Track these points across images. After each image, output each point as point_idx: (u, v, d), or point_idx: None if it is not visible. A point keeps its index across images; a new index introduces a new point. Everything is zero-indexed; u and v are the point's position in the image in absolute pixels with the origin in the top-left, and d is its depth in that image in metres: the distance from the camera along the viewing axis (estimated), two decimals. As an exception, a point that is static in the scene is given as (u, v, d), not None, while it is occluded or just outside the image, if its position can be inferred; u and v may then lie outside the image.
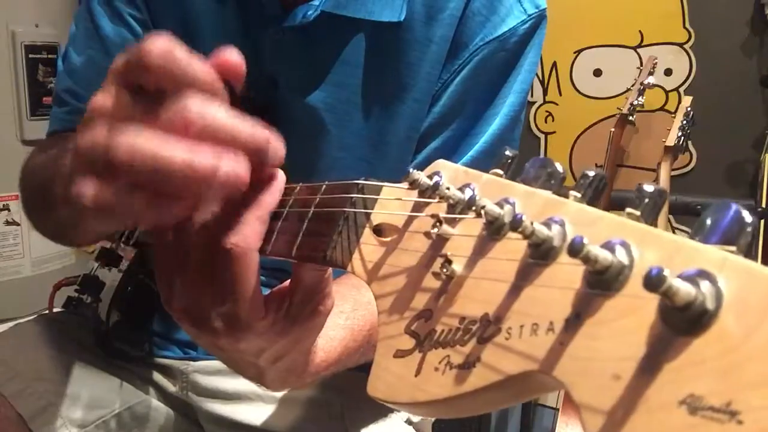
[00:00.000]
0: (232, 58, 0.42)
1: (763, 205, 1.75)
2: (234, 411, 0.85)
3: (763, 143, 1.81)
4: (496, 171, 0.34)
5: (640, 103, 1.86)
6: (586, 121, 2.06)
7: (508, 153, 0.35)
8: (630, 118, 1.87)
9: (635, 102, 1.85)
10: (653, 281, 0.23)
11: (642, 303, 0.25)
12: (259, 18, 0.78)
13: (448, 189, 0.33)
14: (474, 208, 0.31)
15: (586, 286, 0.27)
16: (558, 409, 1.69)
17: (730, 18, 1.89)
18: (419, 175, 0.35)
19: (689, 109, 1.77)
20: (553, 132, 2.11)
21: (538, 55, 0.79)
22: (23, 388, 0.79)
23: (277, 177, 0.45)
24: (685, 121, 1.76)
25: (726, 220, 0.25)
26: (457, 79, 0.77)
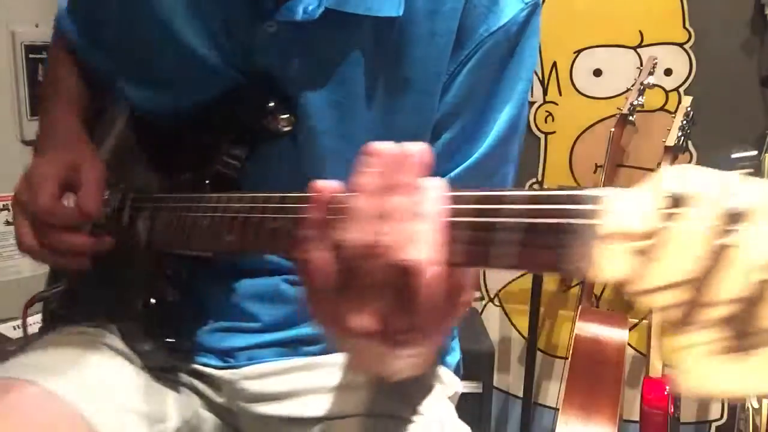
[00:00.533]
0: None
1: (763, 205, 1.75)
2: (285, 408, 0.85)
3: (763, 143, 1.81)
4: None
5: (640, 103, 1.86)
6: (586, 121, 2.06)
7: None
8: (630, 118, 1.87)
9: (635, 102, 1.85)
10: None
11: None
12: (247, 11, 0.78)
13: (718, 199, 0.36)
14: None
15: None
16: (558, 409, 1.69)
17: (730, 18, 1.89)
18: (673, 184, 0.37)
19: (689, 109, 1.77)
20: (553, 132, 2.11)
21: (538, 40, 0.82)
22: (101, 407, 0.77)
23: (432, 185, 0.48)
24: (685, 121, 1.76)
25: None
26: (464, 70, 0.78)
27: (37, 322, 0.98)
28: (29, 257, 0.86)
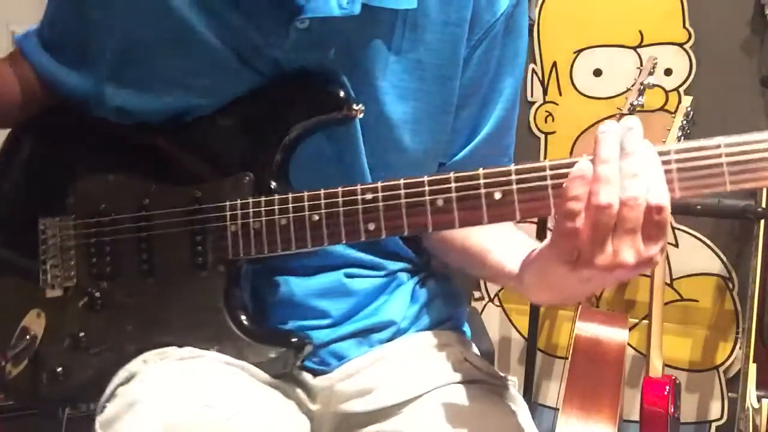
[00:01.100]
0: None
1: (763, 205, 1.75)
2: (372, 402, 0.87)
3: (763, 143, 1.80)
4: None
5: (640, 103, 1.86)
6: (586, 121, 2.06)
7: None
8: (630, 118, 1.87)
9: (635, 102, 1.85)
10: None
11: None
12: (274, 12, 0.81)
13: None
14: None
15: None
16: (558, 409, 1.69)
17: (730, 18, 1.89)
18: None
19: (689, 109, 1.77)
20: (553, 132, 2.11)
21: (527, 17, 0.93)
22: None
23: (647, 145, 0.66)
24: (685, 121, 1.76)
25: None
26: (476, 53, 0.87)
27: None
28: None
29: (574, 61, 2.05)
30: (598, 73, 2.04)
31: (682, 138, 1.75)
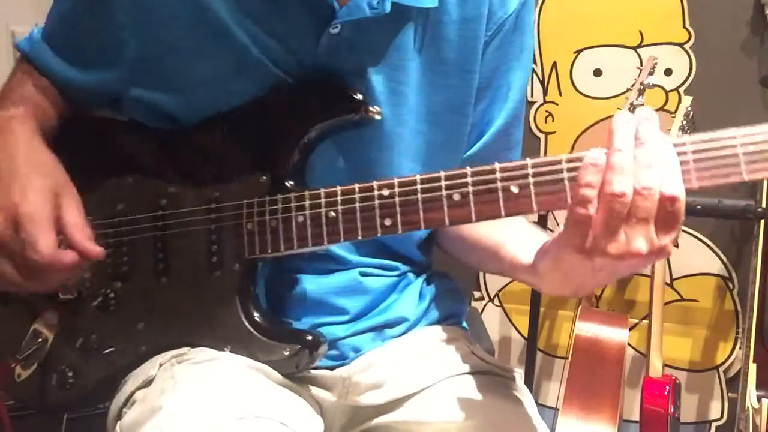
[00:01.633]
0: None
1: (763, 205, 1.75)
2: (390, 391, 0.89)
3: (763, 143, 1.81)
4: None
5: (640, 103, 1.86)
6: (586, 121, 2.06)
7: None
8: (630, 118, 1.87)
9: (635, 102, 1.85)
10: None
11: None
12: (308, 20, 0.82)
13: None
14: None
15: None
16: (558, 409, 1.69)
17: (730, 18, 1.89)
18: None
19: (689, 109, 1.77)
20: (553, 132, 2.11)
21: (533, 13, 0.98)
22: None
23: (663, 136, 0.67)
24: (685, 121, 1.76)
25: None
26: (489, 48, 0.91)
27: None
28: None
29: (574, 61, 2.05)
30: (598, 73, 2.04)
31: (682, 138, 1.75)
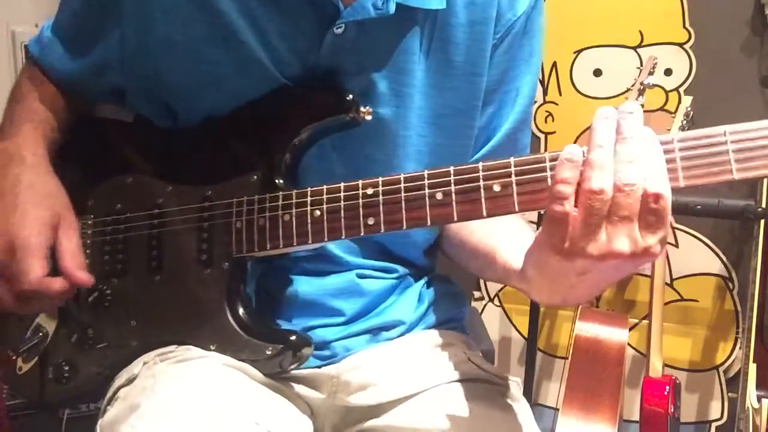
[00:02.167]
0: None
1: (763, 205, 1.75)
2: (381, 394, 0.89)
3: (763, 143, 1.81)
4: None
5: (641, 103, 1.86)
6: (586, 121, 2.04)
7: None
8: (630, 118, 1.86)
9: (635, 102, 1.85)
10: None
11: None
12: (313, 20, 0.82)
13: None
14: None
15: None
16: (558, 409, 1.69)
17: (730, 18, 1.89)
18: None
19: (689, 109, 1.77)
20: (553, 132, 2.11)
21: (544, 17, 0.95)
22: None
23: (648, 131, 0.63)
24: (685, 121, 1.76)
25: None
26: (498, 50, 0.90)
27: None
28: None
29: (574, 61, 2.05)
30: (598, 73, 2.04)
31: (682, 138, 1.75)
